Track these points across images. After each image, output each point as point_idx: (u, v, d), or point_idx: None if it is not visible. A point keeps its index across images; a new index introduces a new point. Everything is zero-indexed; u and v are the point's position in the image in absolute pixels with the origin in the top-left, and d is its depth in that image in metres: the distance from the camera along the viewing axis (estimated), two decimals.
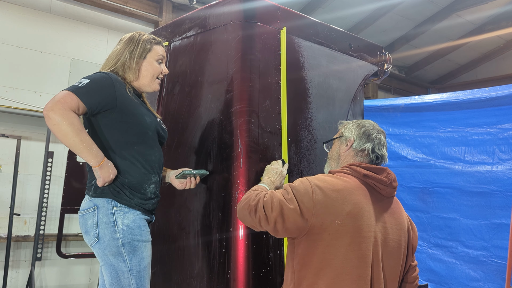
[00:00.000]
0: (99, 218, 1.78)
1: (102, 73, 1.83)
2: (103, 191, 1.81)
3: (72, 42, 4.73)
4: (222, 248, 1.96)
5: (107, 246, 1.77)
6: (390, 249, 1.66)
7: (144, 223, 1.85)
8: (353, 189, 1.62)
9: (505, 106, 3.43)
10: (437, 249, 3.78)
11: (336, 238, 1.54)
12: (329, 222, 1.54)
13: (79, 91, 1.71)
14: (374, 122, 1.90)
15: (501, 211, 3.36)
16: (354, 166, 1.71)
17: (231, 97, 2.08)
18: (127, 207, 1.81)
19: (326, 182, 1.61)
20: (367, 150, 1.77)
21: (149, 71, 1.96)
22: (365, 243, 1.57)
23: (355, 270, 1.54)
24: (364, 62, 2.74)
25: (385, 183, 1.68)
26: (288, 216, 1.54)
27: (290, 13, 2.34)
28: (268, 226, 1.57)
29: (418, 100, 4.02)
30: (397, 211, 1.76)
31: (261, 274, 1.93)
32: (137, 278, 1.79)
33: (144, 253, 1.82)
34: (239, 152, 1.99)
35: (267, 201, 1.58)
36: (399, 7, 6.13)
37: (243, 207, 1.64)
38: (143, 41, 1.96)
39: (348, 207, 1.57)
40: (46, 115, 1.64)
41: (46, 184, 4.15)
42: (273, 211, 1.55)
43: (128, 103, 1.84)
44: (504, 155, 3.41)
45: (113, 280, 1.78)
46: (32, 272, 4.02)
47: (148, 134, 1.89)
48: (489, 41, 7.30)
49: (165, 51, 2.05)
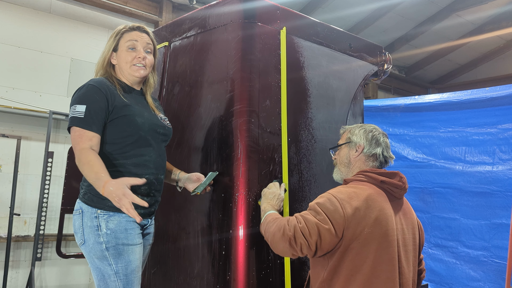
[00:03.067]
0: (84, 221, 1.78)
1: (91, 86, 1.81)
2: (88, 198, 1.79)
3: (72, 42, 4.73)
4: (222, 248, 1.96)
5: (92, 249, 1.76)
6: (409, 248, 1.75)
7: (131, 226, 1.80)
8: (376, 196, 1.69)
9: (505, 106, 3.42)
10: (438, 249, 3.77)
11: (365, 245, 1.60)
12: (359, 232, 1.60)
13: (84, 124, 1.74)
14: (375, 124, 1.97)
15: (502, 211, 3.36)
16: (369, 173, 1.77)
17: (231, 97, 2.08)
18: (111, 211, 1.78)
19: (350, 194, 1.65)
20: (378, 154, 1.84)
21: (122, 59, 1.92)
22: (392, 247, 1.64)
23: (384, 273, 1.61)
24: (364, 62, 2.73)
25: (400, 187, 1.77)
26: (325, 237, 1.58)
27: (290, 13, 2.34)
28: (310, 251, 1.60)
29: (418, 100, 4.01)
30: (409, 211, 1.85)
31: (261, 275, 1.93)
32: (124, 282, 1.77)
33: (131, 257, 1.78)
34: (239, 152, 1.98)
35: (304, 227, 1.59)
36: (399, 7, 6.12)
37: (280, 239, 1.63)
38: (115, 33, 1.94)
39: (374, 213, 1.63)
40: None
41: (46, 184, 4.15)
42: (312, 236, 1.58)
43: (118, 105, 1.82)
44: (504, 155, 3.41)
45: (100, 283, 1.77)
46: (32, 272, 4.02)
47: (140, 135, 1.84)
48: (489, 41, 7.30)
49: (139, 34, 1.94)
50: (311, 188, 2.25)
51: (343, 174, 1.91)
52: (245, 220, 1.93)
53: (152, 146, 1.88)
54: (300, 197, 2.19)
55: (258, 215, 1.96)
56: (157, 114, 1.98)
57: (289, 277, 2.02)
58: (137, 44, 1.93)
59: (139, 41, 1.93)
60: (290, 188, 2.13)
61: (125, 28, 1.95)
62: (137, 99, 1.94)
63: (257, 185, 1.99)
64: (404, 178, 1.81)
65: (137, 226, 1.85)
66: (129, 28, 1.96)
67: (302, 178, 2.21)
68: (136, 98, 1.94)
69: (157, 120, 1.94)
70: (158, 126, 1.93)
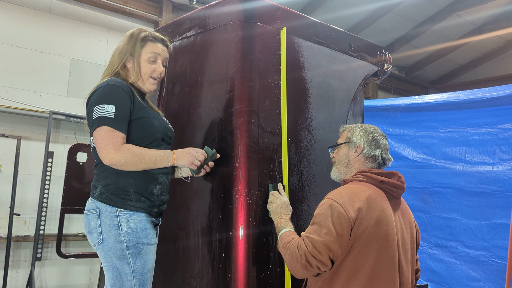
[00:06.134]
0: (102, 220, 1.76)
1: (116, 86, 1.78)
2: (106, 197, 1.78)
3: (72, 42, 4.73)
4: (222, 249, 1.96)
5: (111, 248, 1.75)
6: (407, 247, 1.76)
7: (149, 226, 1.83)
8: (376, 196, 1.70)
9: (505, 106, 3.42)
10: (438, 249, 3.77)
11: (366, 245, 1.61)
12: (361, 232, 1.61)
13: (115, 124, 1.73)
14: (375, 125, 1.97)
15: (502, 211, 3.36)
16: (368, 173, 1.78)
17: (231, 97, 2.08)
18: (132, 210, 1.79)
19: (350, 196, 1.66)
20: (377, 156, 1.85)
21: (142, 69, 1.90)
22: (392, 247, 1.65)
23: (385, 273, 1.63)
24: (364, 62, 2.73)
25: (399, 187, 1.78)
26: (335, 247, 1.59)
27: (290, 13, 2.34)
28: (327, 267, 1.62)
29: (418, 100, 4.01)
30: (406, 210, 1.86)
31: (261, 276, 1.93)
32: (140, 281, 1.77)
33: (148, 256, 1.81)
34: (239, 152, 1.98)
35: (313, 250, 1.60)
36: (399, 7, 6.12)
37: (296, 268, 1.65)
38: (137, 38, 1.90)
39: (375, 214, 1.64)
40: (111, 164, 1.72)
41: (46, 184, 4.15)
42: (323, 255, 1.59)
43: (137, 107, 1.84)
44: (504, 155, 3.41)
45: (115, 282, 1.77)
46: (32, 272, 4.02)
47: (156, 137, 1.87)
48: (489, 41, 7.30)
49: (162, 48, 1.94)
50: (311, 188, 2.25)
51: (341, 173, 1.92)
52: (245, 220, 1.93)
53: (163, 147, 1.92)
54: (300, 197, 2.18)
55: (258, 216, 1.96)
56: (161, 114, 2.03)
57: (289, 278, 2.02)
58: (159, 57, 1.92)
59: (161, 55, 1.93)
60: (290, 188, 2.12)
61: (149, 36, 1.91)
62: (147, 104, 1.97)
63: (257, 185, 1.99)
64: (402, 178, 1.82)
65: (153, 226, 1.87)
66: (153, 38, 1.92)
67: (302, 178, 2.21)
68: (146, 103, 1.97)
69: (166, 124, 2.00)
70: (168, 130, 1.98)
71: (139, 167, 1.75)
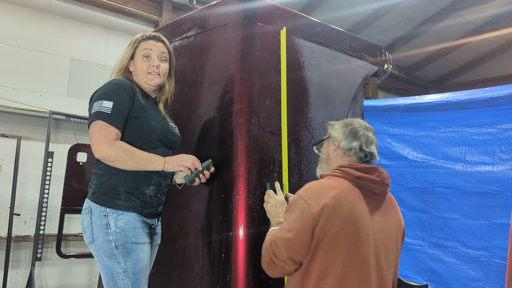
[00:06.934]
0: (93, 220, 1.81)
1: (116, 85, 1.85)
2: (97, 197, 1.82)
3: (72, 42, 4.73)
4: (222, 249, 1.96)
5: (101, 247, 1.78)
6: (389, 247, 1.64)
7: (140, 225, 1.84)
8: (347, 193, 1.58)
9: (505, 106, 3.42)
10: (438, 249, 3.77)
11: (334, 245, 1.50)
12: (327, 230, 1.50)
13: (111, 119, 1.77)
14: (363, 120, 1.86)
15: (502, 211, 3.36)
16: (345, 168, 1.65)
17: (231, 97, 2.08)
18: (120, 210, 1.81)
19: (318, 191, 1.57)
20: (355, 149, 1.72)
21: (138, 67, 1.98)
22: (364, 247, 1.54)
23: (356, 275, 1.52)
24: (364, 62, 2.73)
25: (378, 183, 1.64)
26: (297, 248, 1.51)
27: (290, 13, 2.34)
28: (290, 267, 1.54)
29: (418, 100, 4.01)
30: (392, 208, 1.73)
31: (261, 276, 1.93)
32: (133, 280, 1.79)
33: (139, 255, 1.81)
34: (239, 152, 1.98)
35: (275, 248, 1.54)
36: (399, 7, 6.12)
37: (264, 265, 1.61)
38: (133, 41, 2.01)
39: (344, 212, 1.53)
40: (101, 158, 1.76)
41: (46, 184, 4.15)
42: (284, 253, 1.51)
43: (136, 105, 1.87)
44: (504, 155, 3.41)
45: (109, 281, 1.79)
46: (32, 272, 4.02)
47: (152, 137, 1.89)
48: (489, 41, 7.30)
49: (154, 43, 2.00)
50: None
51: (323, 170, 1.81)
52: (245, 221, 1.93)
53: (161, 150, 1.93)
54: None
55: (258, 216, 1.96)
56: (168, 121, 2.05)
57: None
58: (151, 53, 1.98)
59: (153, 50, 1.99)
60: (290, 188, 2.12)
61: (142, 37, 2.01)
62: (151, 105, 2.00)
63: (257, 185, 1.99)
64: (384, 173, 1.68)
65: (145, 225, 1.88)
66: (146, 37, 2.01)
67: (302, 178, 2.21)
68: (151, 104, 2.00)
69: (168, 127, 2.00)
70: (169, 132, 1.98)
71: (128, 165, 1.77)
